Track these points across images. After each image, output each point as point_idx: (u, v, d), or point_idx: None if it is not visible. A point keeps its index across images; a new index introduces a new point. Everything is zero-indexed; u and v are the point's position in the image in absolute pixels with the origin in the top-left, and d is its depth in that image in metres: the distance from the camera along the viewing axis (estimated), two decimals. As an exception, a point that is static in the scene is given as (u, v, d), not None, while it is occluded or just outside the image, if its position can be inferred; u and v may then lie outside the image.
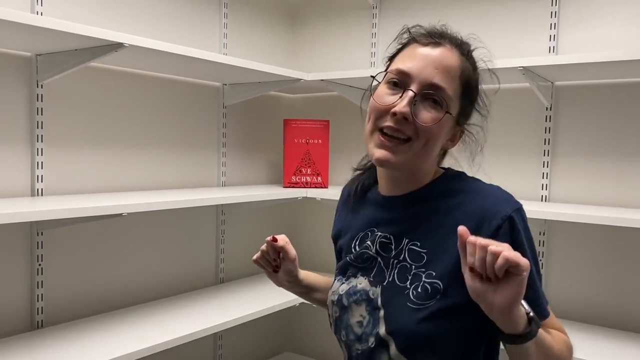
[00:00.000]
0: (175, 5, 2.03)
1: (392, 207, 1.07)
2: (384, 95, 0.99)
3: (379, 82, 1.03)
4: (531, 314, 0.84)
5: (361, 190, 1.17)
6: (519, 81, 1.89)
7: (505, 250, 0.77)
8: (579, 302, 1.92)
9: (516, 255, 0.77)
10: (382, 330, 0.99)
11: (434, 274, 0.96)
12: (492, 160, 2.09)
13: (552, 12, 1.93)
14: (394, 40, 1.06)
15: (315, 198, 2.16)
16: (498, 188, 1.03)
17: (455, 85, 0.98)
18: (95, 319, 1.73)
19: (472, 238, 0.81)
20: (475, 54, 1.06)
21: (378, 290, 1.02)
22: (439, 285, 0.95)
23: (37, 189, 1.63)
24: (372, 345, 1.01)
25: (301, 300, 2.04)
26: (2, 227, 1.55)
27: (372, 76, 1.07)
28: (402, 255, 1.02)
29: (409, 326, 0.96)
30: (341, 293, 1.09)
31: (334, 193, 2.08)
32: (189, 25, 2.09)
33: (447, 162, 1.16)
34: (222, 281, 2.27)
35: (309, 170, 2.26)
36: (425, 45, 1.00)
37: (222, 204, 2.08)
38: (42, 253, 1.65)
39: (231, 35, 2.27)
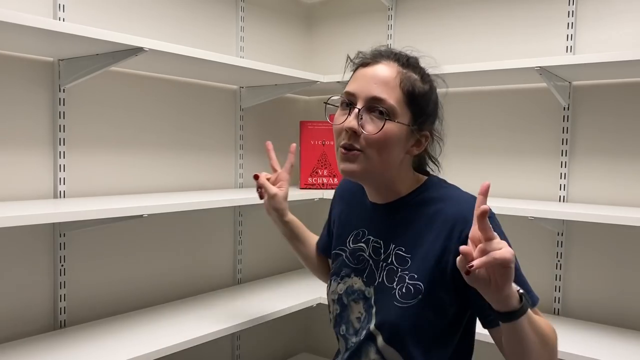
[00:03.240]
0: (192, 10, 2.06)
1: (378, 214, 1.21)
2: (338, 117, 1.12)
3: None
4: (521, 290, 0.92)
5: (353, 187, 1.31)
6: (536, 81, 1.88)
7: (496, 252, 0.83)
8: (597, 303, 1.90)
9: (502, 254, 0.83)
10: (372, 325, 1.14)
11: (416, 276, 1.10)
12: (509, 161, 2.08)
13: (569, 12, 1.92)
14: (345, 71, 1.21)
15: (331, 200, 2.16)
16: (472, 197, 1.11)
17: (397, 95, 1.08)
18: (116, 318, 1.75)
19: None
20: (422, 64, 1.16)
21: (372, 290, 1.17)
22: (421, 286, 1.09)
23: (60, 191, 1.66)
24: (362, 338, 1.15)
25: (318, 301, 2.05)
26: (25, 228, 1.59)
27: (325, 102, 1.23)
28: (389, 259, 1.15)
29: (395, 321, 1.10)
30: (340, 293, 1.24)
31: (350, 194, 2.08)
32: (207, 28, 2.12)
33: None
34: (240, 282, 2.29)
35: (325, 172, 2.27)
36: (366, 66, 1.13)
37: (239, 206, 2.10)
38: (65, 254, 1.68)
39: (248, 38, 2.29)
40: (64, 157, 1.67)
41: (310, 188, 2.25)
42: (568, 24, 1.93)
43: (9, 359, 1.40)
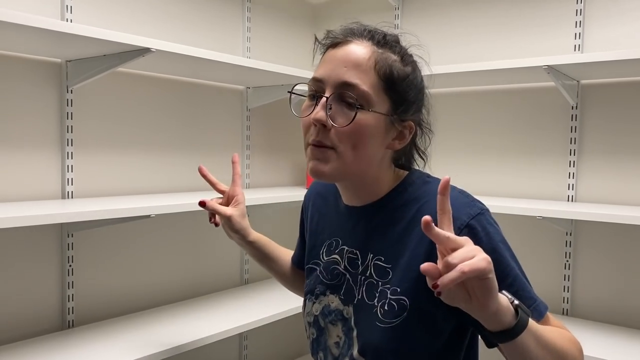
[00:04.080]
0: (199, 10, 2.06)
1: (353, 218, 1.03)
2: (305, 109, 0.96)
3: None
4: (516, 302, 0.76)
5: (325, 191, 1.15)
6: (544, 80, 1.88)
7: (465, 264, 0.67)
8: (606, 303, 1.89)
9: (473, 265, 0.67)
10: (354, 351, 0.97)
11: (399, 289, 0.92)
12: (517, 160, 2.07)
13: (577, 10, 1.91)
14: (314, 56, 1.01)
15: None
16: (460, 192, 0.95)
17: (371, 79, 0.90)
18: (124, 318, 1.76)
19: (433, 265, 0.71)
20: (404, 42, 0.99)
21: (351, 309, 0.99)
22: (405, 301, 0.91)
23: (68, 192, 1.67)
24: None
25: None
26: (34, 228, 1.60)
27: (289, 92, 1.04)
28: (368, 272, 0.98)
29: (379, 345, 0.93)
30: (316, 314, 1.06)
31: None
32: (213, 29, 2.12)
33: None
34: (247, 282, 2.29)
35: (332, 172, 2.26)
36: (336, 46, 0.95)
37: (247, 205, 2.10)
38: (73, 254, 1.69)
39: (254, 38, 2.29)
40: (71, 158, 1.68)
41: (317, 188, 2.25)
42: (576, 22, 1.92)
43: (17, 359, 1.41)
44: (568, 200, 1.95)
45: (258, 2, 2.30)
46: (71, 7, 1.64)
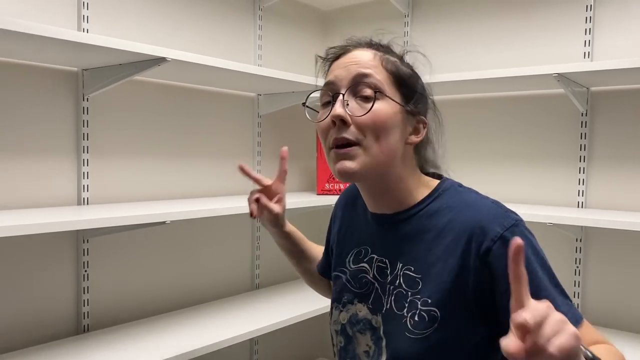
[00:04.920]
0: (211, 19, 2.09)
1: (383, 227, 1.02)
2: (322, 114, 0.97)
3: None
4: (589, 354, 0.68)
5: (353, 199, 1.14)
6: (554, 87, 1.89)
7: (553, 345, 0.58)
8: (616, 309, 1.89)
9: (563, 346, 0.57)
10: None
11: (430, 301, 0.91)
12: (527, 167, 2.08)
13: (586, 18, 1.92)
14: (320, 74, 1.04)
15: (349, 205, 2.17)
16: (493, 202, 0.94)
17: (381, 73, 0.94)
18: (137, 323, 1.78)
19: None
20: (398, 49, 1.03)
21: (379, 318, 0.98)
22: (437, 313, 0.90)
23: (83, 198, 1.70)
24: None
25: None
26: (50, 235, 1.62)
27: (303, 104, 1.05)
28: (397, 281, 0.96)
29: (408, 356, 0.92)
30: (344, 322, 1.05)
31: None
32: (225, 37, 2.15)
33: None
34: (258, 287, 2.31)
35: (342, 178, 2.28)
36: (339, 57, 0.99)
37: (257, 212, 2.12)
38: (88, 259, 1.71)
39: (265, 46, 2.31)
40: (87, 165, 1.71)
41: (327, 194, 2.27)
42: (586, 29, 1.93)
43: (35, 363, 1.44)
44: (578, 207, 1.95)
45: (269, 11, 2.32)
46: (88, 17, 1.67)
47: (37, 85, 1.60)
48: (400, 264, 0.97)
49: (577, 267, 1.95)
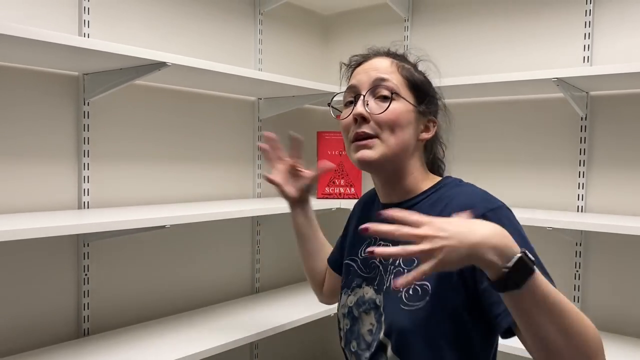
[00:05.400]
0: (212, 24, 2.10)
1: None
2: (345, 113, 1.14)
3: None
4: (519, 254, 0.77)
5: (369, 198, 1.29)
6: (554, 92, 1.89)
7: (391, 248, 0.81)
8: (616, 313, 1.89)
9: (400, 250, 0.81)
10: (381, 334, 1.06)
11: None
12: (527, 171, 2.08)
13: (586, 22, 1.93)
14: (343, 79, 1.24)
15: (348, 209, 2.17)
16: (483, 191, 1.07)
17: (397, 78, 1.10)
18: (138, 327, 1.78)
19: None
20: (412, 58, 1.20)
21: (382, 297, 1.09)
22: (427, 286, 1.02)
23: (84, 202, 1.70)
24: (373, 350, 1.07)
25: (336, 310, 2.06)
26: (51, 239, 1.63)
27: (328, 104, 1.25)
28: (397, 261, 1.09)
29: (402, 327, 1.02)
30: (350, 305, 1.17)
31: (367, 204, 2.10)
32: (226, 42, 2.16)
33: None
34: (258, 291, 2.31)
35: (342, 182, 2.29)
36: (361, 64, 1.17)
37: (258, 215, 2.12)
38: (88, 263, 1.71)
39: (266, 51, 2.32)
40: (88, 169, 1.71)
41: (327, 198, 2.27)
42: (585, 34, 1.93)
43: (35, 367, 1.44)
44: (578, 211, 1.96)
45: (269, 15, 2.33)
46: (88, 21, 1.68)
47: (38, 90, 1.61)
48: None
49: (577, 271, 1.95)
